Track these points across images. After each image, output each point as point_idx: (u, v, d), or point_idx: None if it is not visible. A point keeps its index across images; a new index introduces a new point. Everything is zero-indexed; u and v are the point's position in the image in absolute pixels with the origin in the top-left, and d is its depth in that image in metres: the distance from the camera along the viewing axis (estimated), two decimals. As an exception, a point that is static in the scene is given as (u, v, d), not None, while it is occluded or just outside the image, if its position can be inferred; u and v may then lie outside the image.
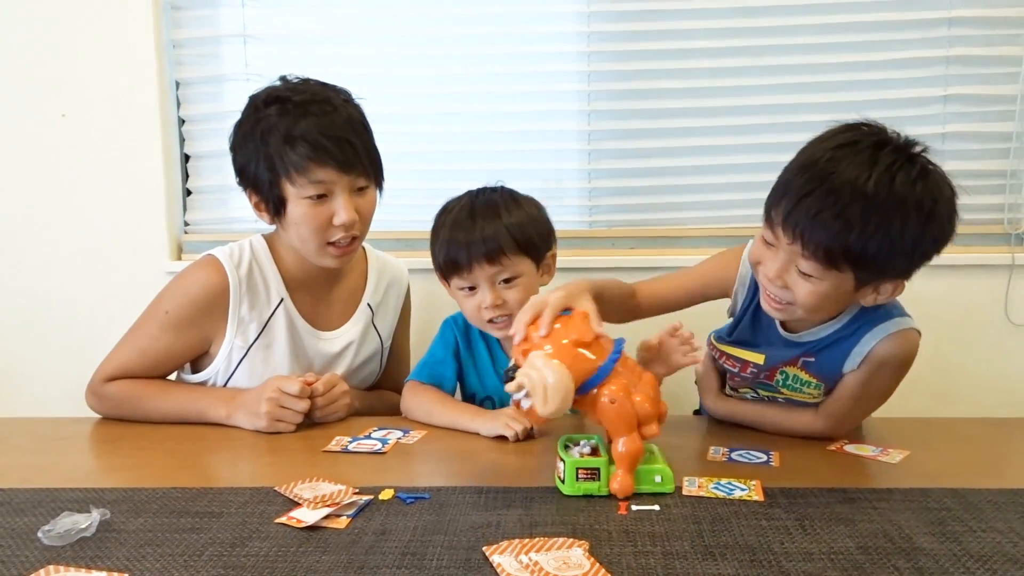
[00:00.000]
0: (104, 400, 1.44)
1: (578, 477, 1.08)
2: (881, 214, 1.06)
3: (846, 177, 1.07)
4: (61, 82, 1.97)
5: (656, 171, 2.02)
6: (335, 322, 1.53)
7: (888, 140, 1.11)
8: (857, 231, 1.07)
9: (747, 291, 1.33)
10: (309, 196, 1.35)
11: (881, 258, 1.10)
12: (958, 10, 1.91)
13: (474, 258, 1.38)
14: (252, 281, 1.45)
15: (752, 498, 1.06)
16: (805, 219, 1.09)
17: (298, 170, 1.33)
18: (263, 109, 1.37)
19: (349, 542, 0.95)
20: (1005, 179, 1.96)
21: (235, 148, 1.42)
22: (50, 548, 0.95)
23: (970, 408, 1.96)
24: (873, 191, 1.06)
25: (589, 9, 1.96)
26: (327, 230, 1.38)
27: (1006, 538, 0.95)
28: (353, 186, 1.38)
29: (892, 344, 1.22)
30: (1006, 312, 1.96)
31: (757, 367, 1.32)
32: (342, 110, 1.39)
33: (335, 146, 1.34)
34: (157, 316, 1.44)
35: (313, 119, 1.34)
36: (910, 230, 1.08)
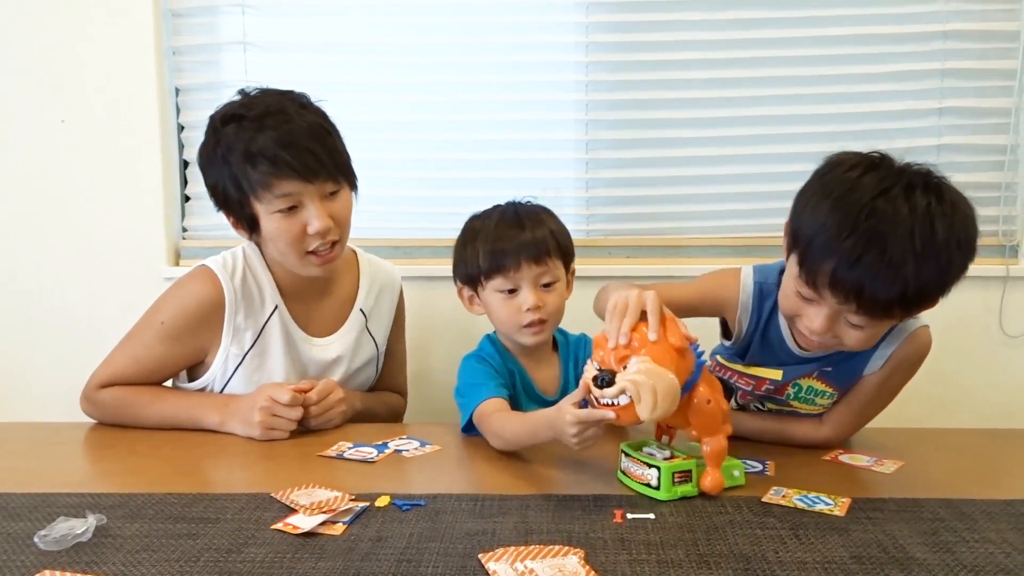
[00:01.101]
0: (98, 406, 1.44)
1: (674, 481, 1.10)
2: (931, 264, 1.08)
3: (894, 238, 1.06)
4: (61, 87, 1.97)
5: (653, 181, 2.03)
6: (329, 329, 1.53)
7: (911, 180, 1.10)
8: (913, 286, 1.08)
9: (751, 316, 1.32)
10: (279, 210, 1.34)
11: (934, 295, 1.13)
12: (953, 24, 1.93)
13: (522, 257, 1.38)
14: (247, 289, 1.45)
15: (833, 512, 1.05)
16: (859, 282, 1.08)
17: (262, 187, 1.32)
18: (221, 129, 1.36)
19: (345, 549, 0.96)
20: (1000, 191, 1.97)
21: (203, 170, 1.41)
22: (46, 553, 0.95)
23: (964, 419, 1.97)
24: (921, 249, 1.07)
25: (587, 20, 1.97)
26: (303, 240, 1.37)
27: (999, 548, 0.96)
28: (322, 192, 1.37)
29: (910, 344, 1.26)
30: (1000, 323, 1.97)
31: (774, 383, 1.32)
32: (298, 119, 1.36)
33: (295, 157, 1.32)
34: (153, 326, 1.43)
35: (270, 132, 1.32)
36: (956, 267, 1.11)
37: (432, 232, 2.04)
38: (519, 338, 1.44)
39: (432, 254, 2.02)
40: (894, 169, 1.13)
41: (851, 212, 1.08)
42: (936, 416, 1.98)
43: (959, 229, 1.10)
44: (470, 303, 1.48)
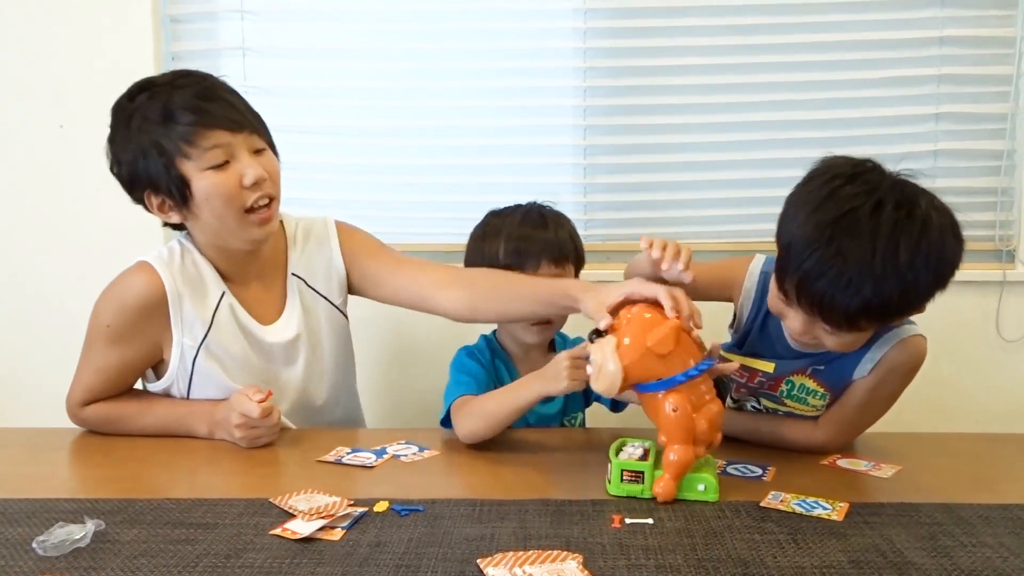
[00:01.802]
0: (85, 423, 1.43)
1: (623, 479, 1.11)
2: (892, 283, 1.09)
3: (853, 259, 1.08)
4: (60, 93, 1.98)
5: (651, 186, 2.03)
6: (277, 311, 1.46)
7: (883, 197, 1.10)
8: (875, 302, 1.09)
9: (752, 304, 1.34)
10: (210, 166, 1.28)
11: (902, 311, 1.15)
12: (949, 30, 1.93)
13: (543, 258, 1.43)
14: (188, 277, 1.38)
15: (831, 518, 1.05)
16: (821, 296, 1.11)
17: (188, 142, 1.27)
18: (130, 103, 1.32)
19: (344, 554, 0.96)
20: (996, 196, 1.98)
21: (116, 159, 1.34)
22: (44, 559, 0.95)
23: (962, 423, 1.97)
24: (882, 269, 1.08)
25: (585, 25, 1.98)
26: (240, 195, 1.30)
27: (996, 553, 0.96)
28: (251, 147, 1.33)
29: (903, 350, 1.26)
30: (997, 328, 1.98)
31: (766, 375, 1.33)
32: (211, 79, 1.34)
33: (218, 107, 1.29)
34: (100, 332, 1.39)
35: (187, 89, 1.30)
36: (923, 286, 1.12)
37: (431, 237, 2.04)
38: (523, 336, 1.47)
39: (430, 259, 2.02)
40: (874, 181, 1.13)
41: (820, 226, 1.10)
42: (933, 421, 1.98)
43: (928, 248, 1.09)
44: None
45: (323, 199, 2.04)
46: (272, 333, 1.44)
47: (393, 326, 1.99)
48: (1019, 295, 1.97)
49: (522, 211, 1.50)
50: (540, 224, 1.46)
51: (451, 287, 1.41)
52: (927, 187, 1.17)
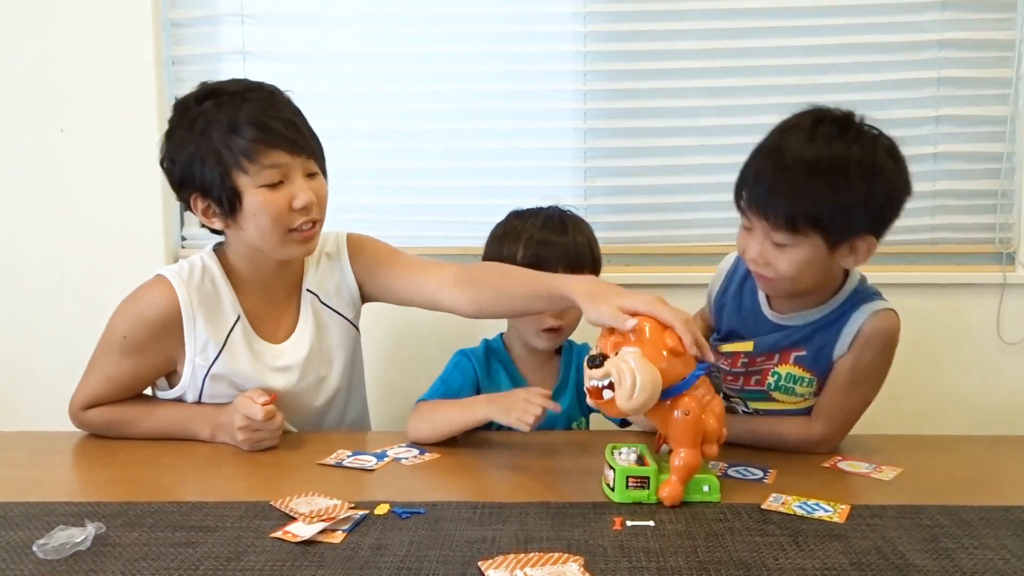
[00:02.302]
0: (87, 426, 1.43)
1: (628, 485, 1.10)
2: (826, 177, 1.19)
3: (791, 153, 1.22)
4: (60, 97, 1.98)
5: (652, 189, 2.03)
6: (289, 329, 1.47)
7: (826, 116, 1.25)
8: (808, 196, 1.19)
9: (724, 279, 1.44)
10: (265, 184, 1.30)
11: (839, 217, 1.20)
12: (949, 33, 1.94)
13: (561, 264, 1.44)
14: (205, 297, 1.39)
15: (833, 520, 1.05)
16: (764, 197, 1.22)
17: (249, 157, 1.29)
18: (196, 106, 1.33)
19: (344, 557, 0.96)
20: (996, 199, 1.98)
21: (170, 157, 1.35)
22: (45, 562, 0.95)
23: (963, 426, 1.97)
24: (814, 158, 1.20)
25: (585, 29, 1.98)
26: (287, 216, 1.32)
27: (998, 555, 0.96)
28: (306, 170, 1.35)
29: (877, 321, 1.29)
30: (998, 330, 1.97)
31: (748, 355, 1.36)
32: (279, 95, 1.36)
33: (283, 127, 1.31)
34: (115, 342, 1.39)
35: (255, 104, 1.31)
36: (855, 187, 1.19)
37: (431, 240, 2.04)
38: (534, 341, 1.50)
39: (431, 262, 2.02)
40: (816, 110, 1.28)
41: (765, 142, 1.28)
42: (935, 423, 1.98)
43: (861, 153, 1.20)
44: None
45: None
46: (284, 353, 1.45)
47: (395, 329, 1.99)
48: (1020, 297, 1.97)
49: (543, 215, 1.51)
50: (560, 230, 1.48)
51: (456, 286, 1.41)
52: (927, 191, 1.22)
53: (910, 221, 2.00)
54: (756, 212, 1.23)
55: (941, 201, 2.00)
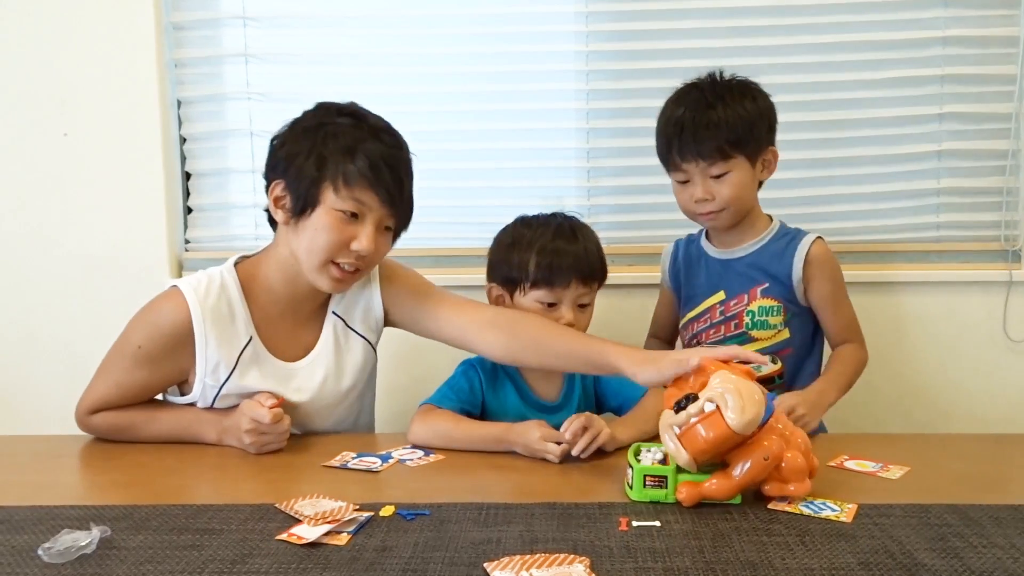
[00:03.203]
0: (93, 430, 1.44)
1: (645, 484, 1.10)
2: (730, 107, 1.52)
3: (696, 104, 1.54)
4: (63, 101, 1.98)
5: (655, 188, 2.02)
6: (306, 348, 1.46)
7: (696, 80, 1.60)
8: (725, 125, 1.51)
9: (669, 261, 1.74)
10: (342, 209, 1.33)
11: (749, 132, 1.53)
12: (952, 30, 1.93)
13: (574, 276, 1.45)
14: (218, 316, 1.38)
15: (840, 519, 1.05)
16: (694, 141, 1.52)
17: (346, 181, 1.32)
18: (335, 116, 1.37)
19: (350, 559, 0.95)
20: (1001, 196, 1.97)
21: (284, 139, 1.39)
22: (50, 566, 0.95)
23: (970, 424, 1.96)
24: (716, 97, 1.54)
25: (587, 29, 1.98)
26: (340, 250, 1.34)
27: (1007, 554, 0.95)
28: (383, 222, 1.38)
29: (819, 246, 1.59)
30: (1004, 328, 1.97)
31: (722, 303, 1.61)
32: (406, 152, 1.41)
33: (390, 176, 1.35)
34: (128, 350, 1.39)
35: (380, 146, 1.36)
36: (750, 106, 1.54)
37: (432, 242, 2.04)
38: None
39: (434, 263, 2.02)
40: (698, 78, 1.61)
41: (665, 113, 1.59)
42: (941, 422, 1.97)
43: (741, 84, 1.58)
44: (497, 302, 1.52)
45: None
46: (298, 372, 1.44)
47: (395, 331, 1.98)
48: (1025, 295, 1.96)
49: (555, 224, 1.51)
50: (571, 238, 1.48)
51: (490, 330, 1.42)
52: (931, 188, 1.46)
53: (915, 219, 1.99)
54: (691, 156, 1.52)
55: (946, 199, 1.99)
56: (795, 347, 1.60)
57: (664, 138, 1.57)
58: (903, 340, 1.97)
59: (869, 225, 1.99)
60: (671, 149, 1.55)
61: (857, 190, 1.99)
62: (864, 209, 1.99)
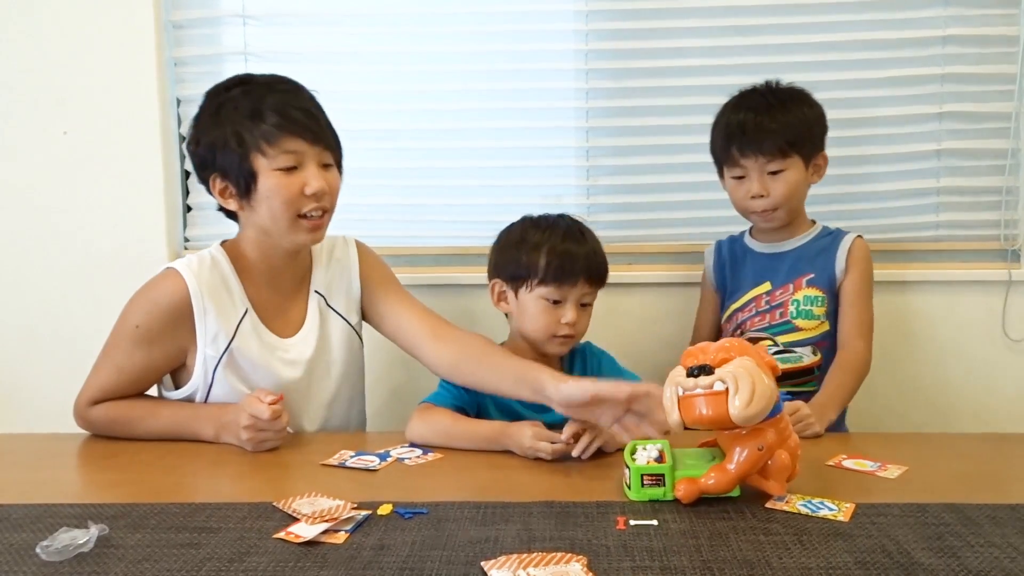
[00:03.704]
0: (92, 424, 1.44)
1: (643, 483, 1.09)
2: (791, 111, 1.65)
3: (758, 105, 1.66)
4: (63, 99, 1.98)
5: (654, 187, 2.03)
6: (296, 326, 1.50)
7: (755, 86, 1.72)
8: (786, 126, 1.63)
9: (713, 258, 1.82)
10: (280, 167, 1.36)
11: (806, 135, 1.65)
12: (952, 29, 1.93)
13: (582, 276, 1.48)
14: (213, 289, 1.43)
15: (837, 518, 1.05)
16: (756, 138, 1.62)
17: (269, 141, 1.36)
18: (226, 92, 1.41)
19: (347, 557, 0.95)
20: (1001, 195, 1.96)
21: (196, 139, 1.42)
22: (48, 564, 0.95)
23: (968, 423, 1.96)
24: (778, 101, 1.66)
25: (587, 27, 1.98)
26: (298, 201, 1.38)
27: (1004, 553, 0.95)
28: (321, 160, 1.41)
29: (861, 243, 1.70)
30: (1003, 328, 1.97)
31: (768, 293, 1.70)
32: (303, 90, 1.44)
33: (304, 117, 1.38)
34: (127, 332, 1.42)
35: (279, 95, 1.39)
36: (808, 112, 1.67)
37: (433, 240, 2.04)
38: (546, 346, 1.52)
39: (433, 262, 2.02)
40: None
41: (726, 113, 1.70)
42: (940, 421, 1.97)
43: (800, 91, 1.70)
44: (499, 299, 1.55)
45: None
46: (292, 347, 1.48)
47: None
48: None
49: (564, 225, 1.53)
50: (580, 240, 1.51)
51: (441, 342, 1.48)
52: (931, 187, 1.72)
53: (914, 218, 1.99)
54: (751, 152, 1.63)
55: (945, 198, 1.99)
56: (831, 341, 1.68)
57: (725, 135, 1.67)
58: (902, 339, 1.97)
59: (868, 224, 1.99)
60: (731, 145, 1.65)
61: (856, 189, 1.99)
62: (863, 208, 1.99)
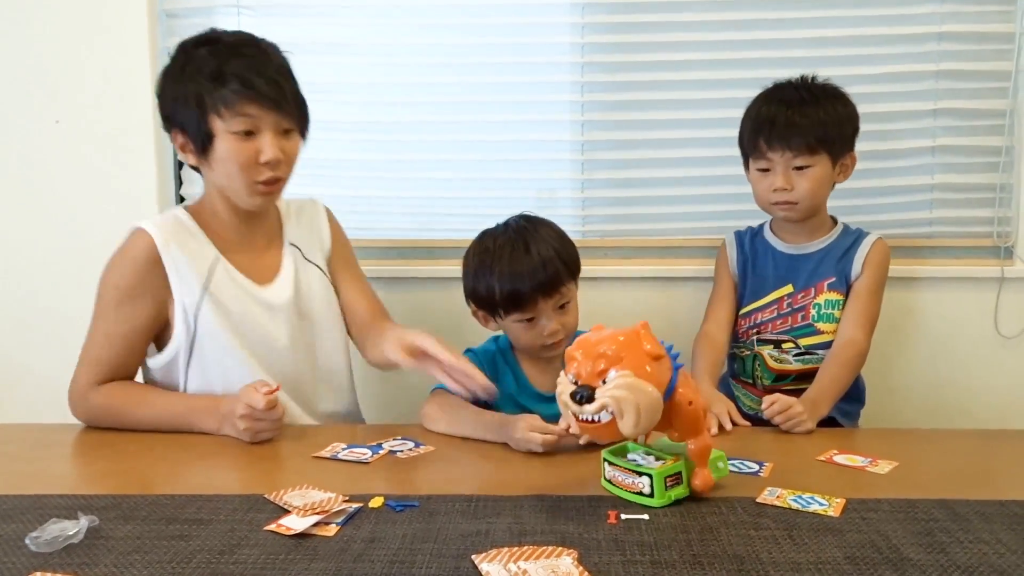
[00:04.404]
0: (89, 411, 1.44)
1: (667, 486, 1.08)
2: (823, 107, 1.62)
3: (791, 97, 1.64)
4: (56, 88, 1.97)
5: (649, 181, 2.02)
6: (272, 274, 1.53)
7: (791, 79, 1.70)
8: (817, 122, 1.60)
9: (736, 251, 1.78)
10: (236, 131, 1.38)
11: (836, 133, 1.62)
12: (948, 25, 1.93)
13: (539, 296, 1.45)
14: (181, 240, 1.45)
15: (828, 513, 1.05)
16: (785, 130, 1.60)
17: (227, 105, 1.37)
18: (193, 51, 1.42)
19: (338, 550, 0.95)
20: (995, 192, 1.97)
21: (162, 91, 1.44)
22: (38, 555, 0.95)
23: (960, 420, 1.97)
24: (811, 96, 1.64)
25: (583, 20, 1.97)
26: (253, 168, 1.40)
27: (992, 549, 0.96)
28: (279, 127, 1.42)
29: (879, 247, 1.69)
30: (996, 325, 1.97)
31: (790, 296, 1.69)
32: (272, 55, 1.45)
33: (265, 84, 1.39)
34: (107, 297, 1.44)
35: (244, 59, 1.40)
36: (841, 110, 1.65)
37: (427, 233, 2.04)
38: (541, 356, 1.52)
39: (427, 255, 2.02)
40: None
41: (758, 104, 1.68)
42: (932, 417, 1.98)
43: (835, 88, 1.68)
44: (485, 322, 1.56)
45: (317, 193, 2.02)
46: (269, 292, 1.51)
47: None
48: (1017, 291, 1.96)
49: (508, 244, 1.48)
50: (526, 252, 1.46)
51: (375, 335, 1.52)
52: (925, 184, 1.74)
53: (908, 215, 1.99)
54: (779, 145, 1.60)
55: (939, 195, 1.99)
56: None
57: (754, 127, 1.64)
58: (895, 335, 1.97)
59: (862, 220, 1.98)
60: (759, 137, 1.62)
61: (850, 185, 1.97)
62: (857, 204, 1.98)
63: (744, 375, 1.76)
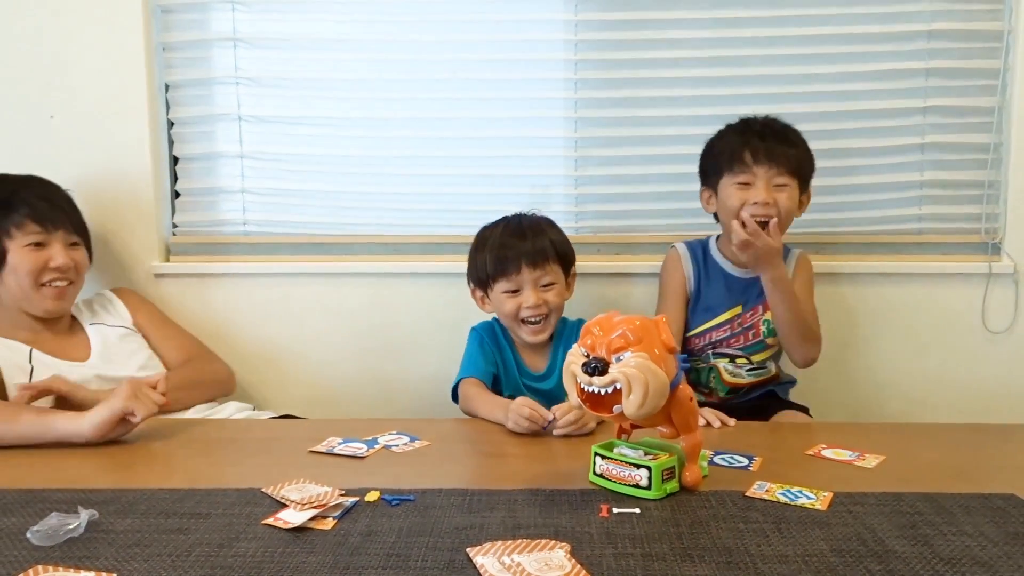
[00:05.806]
0: None
1: (664, 479, 1.11)
2: (797, 141, 1.72)
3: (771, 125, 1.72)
4: (50, 84, 1.97)
5: (642, 178, 2.04)
6: (85, 352, 1.67)
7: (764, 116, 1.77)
8: (796, 149, 1.70)
9: (692, 263, 1.81)
10: (27, 244, 1.60)
11: (805, 161, 1.72)
12: (937, 23, 1.94)
13: (523, 263, 1.60)
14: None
15: (815, 507, 1.07)
16: (775, 147, 1.67)
17: (16, 226, 1.60)
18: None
19: (335, 543, 0.97)
20: (983, 189, 1.99)
21: None
22: (38, 548, 0.96)
23: (947, 414, 2.00)
24: (781, 129, 1.72)
25: (576, 18, 1.98)
26: (42, 273, 1.61)
27: (975, 541, 0.98)
28: (66, 240, 1.66)
29: (803, 258, 1.81)
30: (983, 320, 2.00)
31: (739, 316, 1.75)
32: (54, 188, 1.70)
33: (48, 208, 1.64)
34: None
35: (30, 189, 1.65)
36: (805, 147, 1.73)
37: (421, 229, 2.04)
38: (520, 333, 1.65)
39: (421, 251, 2.03)
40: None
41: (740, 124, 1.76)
42: (920, 411, 2.01)
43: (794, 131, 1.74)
44: (482, 303, 1.70)
45: (311, 190, 2.05)
46: (89, 368, 1.62)
47: (384, 317, 2.00)
48: (1005, 287, 1.99)
49: (504, 223, 1.67)
50: (519, 235, 1.63)
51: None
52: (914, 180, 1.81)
53: (897, 211, 2.02)
54: (765, 161, 1.66)
55: (928, 191, 2.01)
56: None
57: (740, 140, 1.69)
58: (883, 331, 2.00)
59: (851, 216, 2.01)
60: (745, 149, 1.67)
61: (840, 182, 2.01)
62: (847, 201, 2.01)
63: (700, 385, 1.79)
